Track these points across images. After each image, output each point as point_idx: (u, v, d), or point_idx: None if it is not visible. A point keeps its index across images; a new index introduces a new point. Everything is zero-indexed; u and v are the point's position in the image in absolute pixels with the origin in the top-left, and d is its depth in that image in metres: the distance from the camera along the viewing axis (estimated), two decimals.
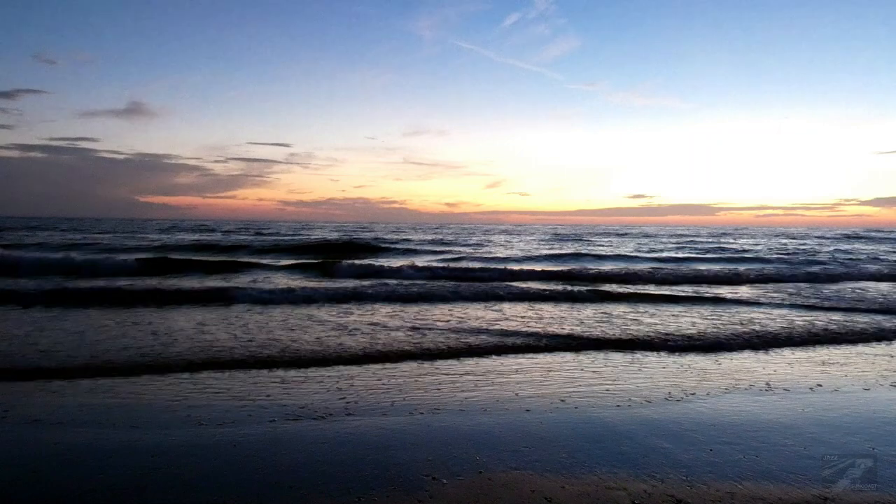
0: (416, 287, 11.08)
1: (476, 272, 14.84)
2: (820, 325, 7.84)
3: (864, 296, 11.24)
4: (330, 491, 2.82)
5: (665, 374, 5.26)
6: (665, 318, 8.36)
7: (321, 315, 8.16)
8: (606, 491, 2.87)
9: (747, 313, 8.90)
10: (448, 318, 8.11)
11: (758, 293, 11.62)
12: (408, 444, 3.46)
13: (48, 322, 7.24)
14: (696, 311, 9.05)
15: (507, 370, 5.36)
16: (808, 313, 9.00)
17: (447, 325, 7.54)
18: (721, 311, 9.07)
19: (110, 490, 2.82)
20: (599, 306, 9.56)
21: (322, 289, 10.55)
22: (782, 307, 9.68)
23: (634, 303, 10.03)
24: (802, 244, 33.95)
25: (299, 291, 10.17)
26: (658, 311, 8.98)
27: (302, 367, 5.32)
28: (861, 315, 8.90)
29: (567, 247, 29.08)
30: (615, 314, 8.65)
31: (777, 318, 8.43)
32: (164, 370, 5.12)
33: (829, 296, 11.19)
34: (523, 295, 10.62)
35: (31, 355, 5.52)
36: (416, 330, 7.15)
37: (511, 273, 15.05)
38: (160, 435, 3.57)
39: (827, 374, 5.33)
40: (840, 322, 8.16)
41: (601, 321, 8.01)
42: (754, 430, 3.80)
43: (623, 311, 9.02)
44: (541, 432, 3.71)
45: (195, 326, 7.11)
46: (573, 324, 7.78)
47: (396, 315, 8.28)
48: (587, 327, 7.55)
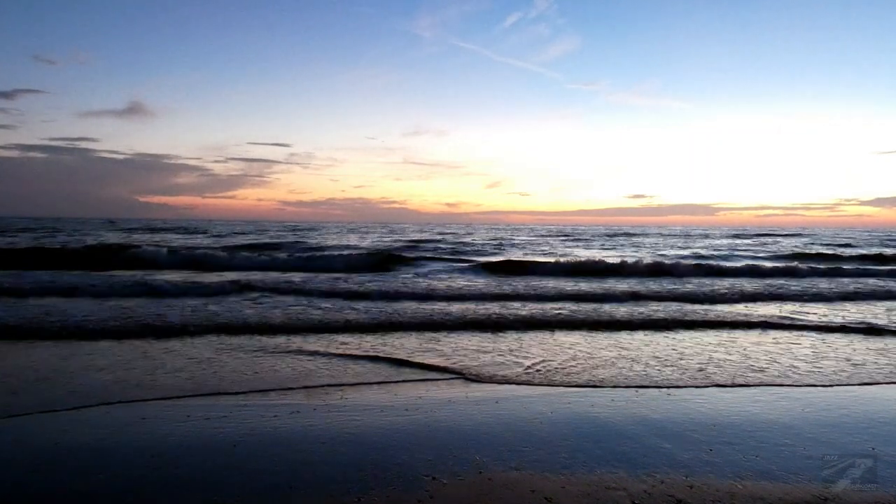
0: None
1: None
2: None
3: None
4: (330, 491, 2.82)
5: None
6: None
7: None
8: (606, 491, 2.87)
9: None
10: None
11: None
12: (408, 444, 3.46)
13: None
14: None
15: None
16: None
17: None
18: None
19: (110, 490, 2.82)
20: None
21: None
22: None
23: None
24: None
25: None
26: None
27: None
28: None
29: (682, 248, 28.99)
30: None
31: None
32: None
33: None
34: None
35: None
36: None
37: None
38: (160, 435, 3.57)
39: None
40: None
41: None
42: (754, 430, 3.80)
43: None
44: (540, 432, 3.71)
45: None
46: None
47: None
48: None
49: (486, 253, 24.50)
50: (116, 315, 7.52)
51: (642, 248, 29.62)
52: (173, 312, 7.82)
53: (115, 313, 7.65)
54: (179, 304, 8.69)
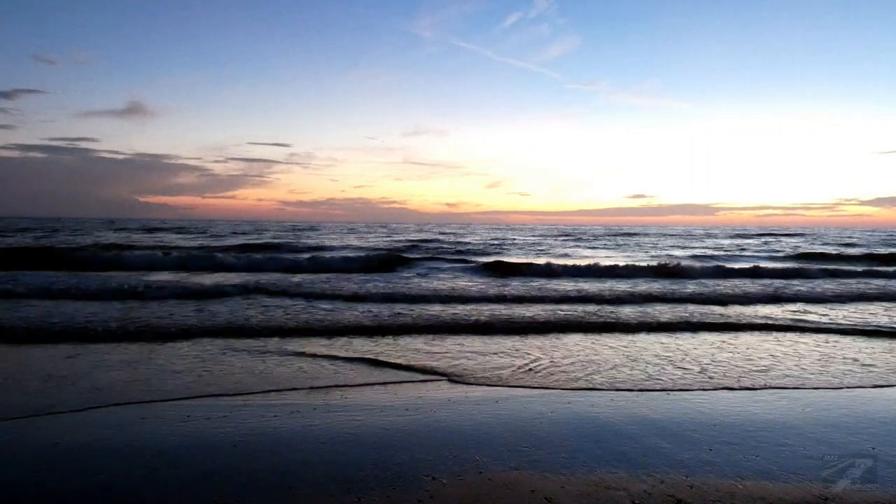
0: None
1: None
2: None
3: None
4: (330, 491, 2.82)
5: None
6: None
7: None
8: (606, 491, 2.87)
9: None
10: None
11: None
12: (408, 444, 3.46)
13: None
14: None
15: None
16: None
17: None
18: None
19: (110, 490, 2.82)
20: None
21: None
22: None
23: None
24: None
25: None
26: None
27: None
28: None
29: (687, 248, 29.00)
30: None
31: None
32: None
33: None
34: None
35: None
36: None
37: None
38: (160, 435, 3.57)
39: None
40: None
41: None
42: (754, 430, 3.80)
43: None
44: (540, 432, 3.72)
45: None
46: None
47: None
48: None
49: (488, 253, 24.44)
50: (113, 317, 7.52)
51: (650, 249, 29.54)
52: (174, 313, 7.83)
53: (113, 314, 7.65)
54: (179, 307, 8.68)
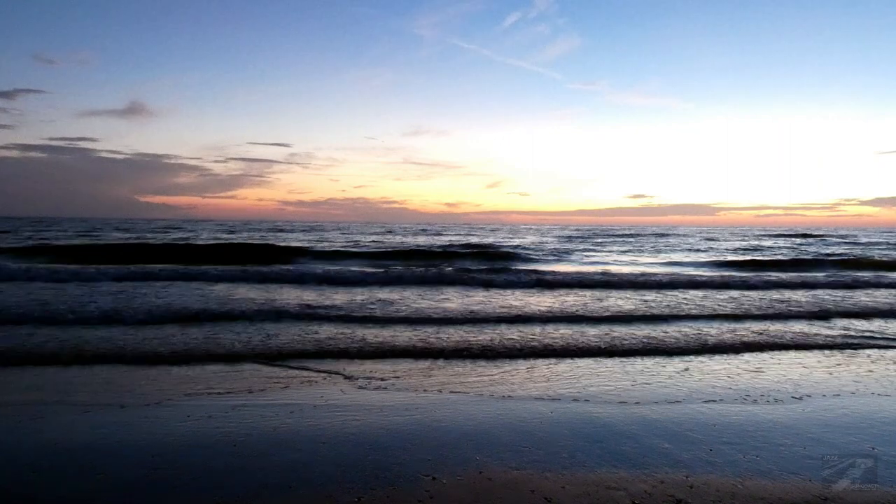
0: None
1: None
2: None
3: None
4: (330, 491, 2.82)
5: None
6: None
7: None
8: (606, 491, 2.87)
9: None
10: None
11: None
12: (408, 444, 3.46)
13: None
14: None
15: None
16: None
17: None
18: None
19: (110, 490, 2.82)
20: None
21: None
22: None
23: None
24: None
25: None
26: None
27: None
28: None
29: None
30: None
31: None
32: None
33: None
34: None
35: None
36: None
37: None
38: (160, 435, 3.57)
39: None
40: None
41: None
42: (754, 430, 3.80)
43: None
44: (541, 432, 3.72)
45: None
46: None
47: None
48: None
49: (547, 260, 21.85)
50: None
51: (708, 250, 28.58)
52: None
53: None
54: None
